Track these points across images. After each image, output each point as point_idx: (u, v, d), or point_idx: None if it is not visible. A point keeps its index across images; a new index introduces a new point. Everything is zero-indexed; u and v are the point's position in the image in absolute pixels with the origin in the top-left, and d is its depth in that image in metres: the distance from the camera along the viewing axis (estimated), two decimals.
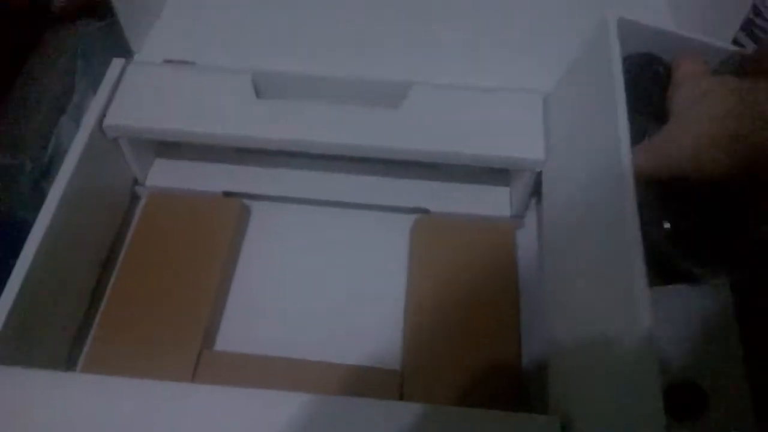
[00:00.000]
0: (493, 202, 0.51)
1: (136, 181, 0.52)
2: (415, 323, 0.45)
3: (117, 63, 0.48)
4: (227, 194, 0.52)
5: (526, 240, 0.51)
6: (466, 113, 0.47)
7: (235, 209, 0.51)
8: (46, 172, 0.51)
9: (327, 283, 0.49)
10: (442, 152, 0.46)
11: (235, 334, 0.47)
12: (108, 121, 0.46)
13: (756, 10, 0.53)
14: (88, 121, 0.46)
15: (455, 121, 0.47)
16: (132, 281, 0.47)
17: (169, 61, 0.51)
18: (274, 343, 0.44)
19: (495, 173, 0.52)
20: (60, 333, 0.44)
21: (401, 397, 0.42)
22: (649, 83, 0.44)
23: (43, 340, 0.42)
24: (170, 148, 0.53)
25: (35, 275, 0.40)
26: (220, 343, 0.46)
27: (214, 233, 0.49)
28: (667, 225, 0.40)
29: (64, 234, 0.42)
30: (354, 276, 0.49)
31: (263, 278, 0.49)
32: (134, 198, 0.53)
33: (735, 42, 0.48)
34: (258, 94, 0.48)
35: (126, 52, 0.51)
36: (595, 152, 0.39)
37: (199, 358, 0.43)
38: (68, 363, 0.45)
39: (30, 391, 0.36)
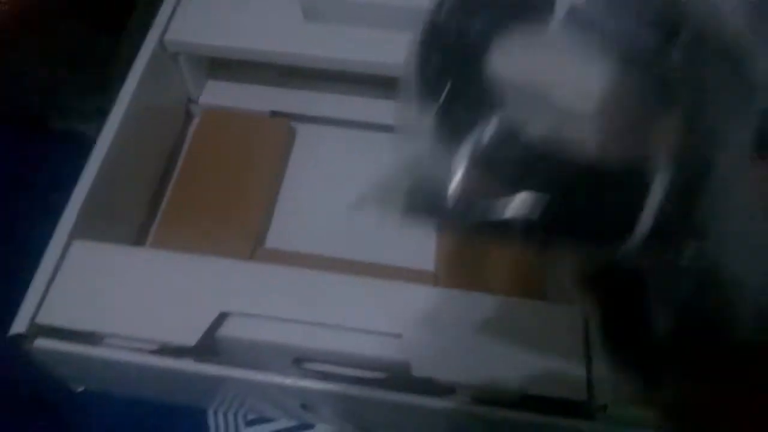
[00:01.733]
0: None
1: (189, 99, 0.56)
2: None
3: None
4: (274, 114, 0.55)
5: None
6: None
7: (282, 128, 0.54)
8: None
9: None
10: None
11: (281, 242, 0.51)
12: (169, 35, 0.50)
13: None
14: (152, 35, 0.49)
15: None
16: (189, 187, 0.51)
17: None
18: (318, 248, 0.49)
19: None
20: (125, 230, 0.49)
21: None
22: None
23: (115, 220, 0.47)
24: (222, 68, 0.56)
25: (102, 178, 0.44)
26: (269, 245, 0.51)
27: (263, 149, 0.53)
28: None
29: (128, 144, 0.47)
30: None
31: (306, 194, 0.53)
32: (188, 116, 0.57)
33: None
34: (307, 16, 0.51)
35: None
36: None
37: (252, 253, 0.48)
38: None
39: (104, 262, 0.41)
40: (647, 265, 0.28)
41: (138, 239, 0.50)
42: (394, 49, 0.34)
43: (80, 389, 0.47)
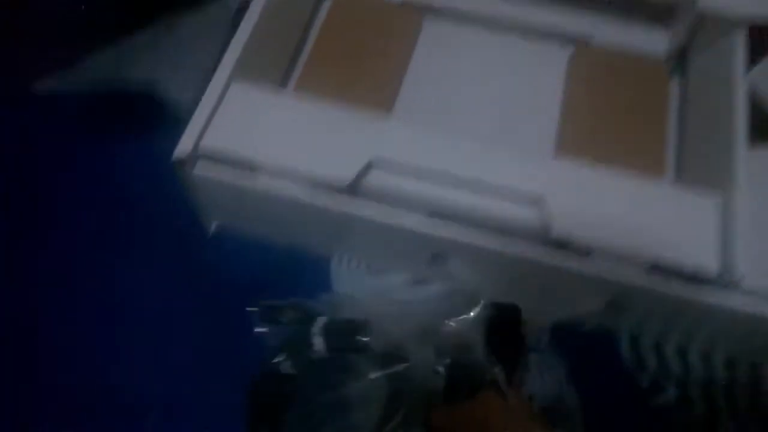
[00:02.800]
0: (651, 39, 0.55)
1: None
2: (568, 128, 0.51)
3: None
4: (404, 4, 0.57)
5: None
6: None
7: (412, 14, 0.56)
8: None
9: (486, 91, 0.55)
10: None
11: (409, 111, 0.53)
12: None
13: None
14: None
15: None
16: (327, 48, 0.54)
17: None
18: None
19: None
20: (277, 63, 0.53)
21: None
22: None
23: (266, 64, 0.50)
24: None
25: (258, 29, 0.47)
26: None
27: (394, 31, 0.55)
28: None
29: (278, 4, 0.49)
30: (509, 96, 0.54)
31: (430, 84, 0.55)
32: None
33: None
34: None
35: None
36: None
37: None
38: None
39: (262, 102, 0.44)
40: None
41: (281, 84, 0.54)
42: None
43: (214, 230, 0.49)
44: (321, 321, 0.38)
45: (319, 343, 0.37)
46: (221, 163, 0.42)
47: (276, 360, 0.38)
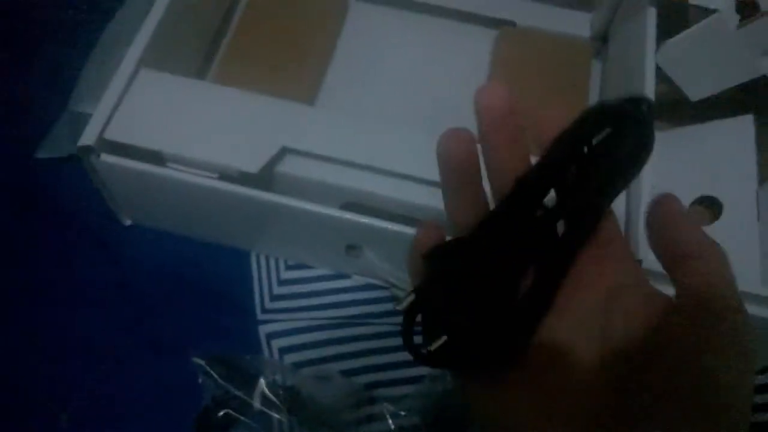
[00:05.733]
0: (575, 22, 0.55)
1: None
2: None
3: None
4: None
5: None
6: None
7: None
8: None
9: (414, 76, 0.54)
10: None
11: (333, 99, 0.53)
12: None
13: None
14: None
15: None
16: (249, 34, 0.53)
17: None
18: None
19: None
20: (192, 53, 0.52)
21: None
22: None
23: (179, 54, 0.49)
24: None
25: (171, 11, 0.45)
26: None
27: (319, 14, 0.55)
28: None
29: None
30: (439, 80, 0.54)
31: (356, 68, 0.54)
32: None
33: None
34: None
35: None
36: None
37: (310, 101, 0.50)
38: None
39: (170, 90, 0.43)
40: None
41: (198, 76, 0.52)
42: None
43: (129, 223, 0.49)
44: (261, 384, 0.41)
45: (257, 404, 0.41)
46: (128, 152, 0.41)
47: (220, 413, 0.42)
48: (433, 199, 0.41)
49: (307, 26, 0.54)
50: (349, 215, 0.41)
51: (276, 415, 0.41)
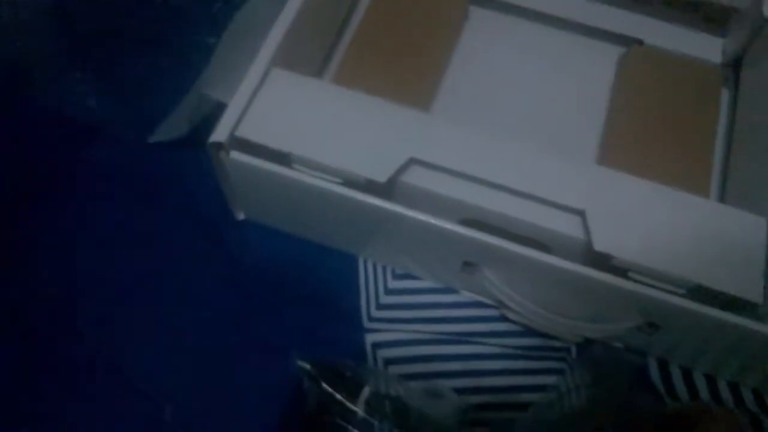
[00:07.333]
0: (705, 45, 0.53)
1: None
2: (613, 132, 0.49)
3: None
4: None
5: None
6: None
7: (458, 2, 0.55)
8: None
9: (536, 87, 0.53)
10: None
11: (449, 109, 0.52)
12: None
13: None
14: None
15: None
16: (369, 38, 0.53)
17: None
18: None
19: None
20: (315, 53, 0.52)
21: None
22: None
23: (305, 53, 0.49)
24: None
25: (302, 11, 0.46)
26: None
27: (439, 20, 0.54)
28: None
29: None
30: (558, 95, 0.53)
31: (473, 77, 0.53)
32: None
33: None
34: None
35: None
36: None
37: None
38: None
39: (302, 91, 0.43)
40: None
41: (317, 77, 0.52)
42: None
43: (242, 217, 0.49)
44: (366, 392, 0.40)
45: (361, 412, 0.39)
46: (256, 150, 0.41)
47: (324, 419, 0.40)
48: (558, 223, 0.40)
49: (425, 32, 0.53)
50: (473, 233, 0.40)
51: (380, 425, 0.41)
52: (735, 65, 0.53)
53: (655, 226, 0.39)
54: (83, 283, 0.47)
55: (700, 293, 0.38)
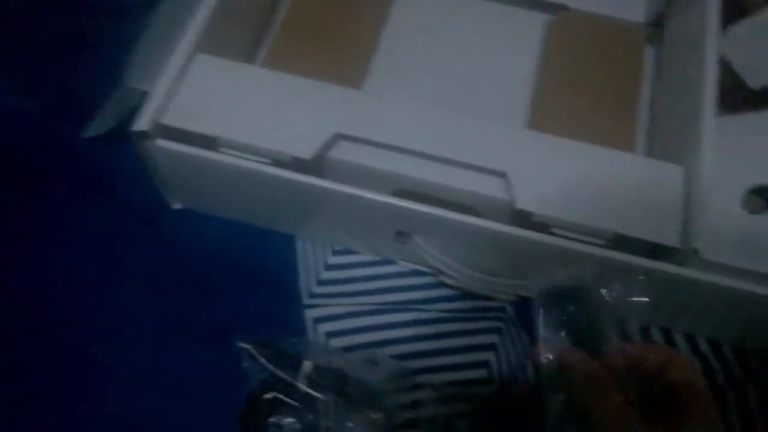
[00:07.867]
0: (629, 6, 0.54)
1: None
2: (542, 96, 0.50)
3: None
4: None
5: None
6: None
7: None
8: None
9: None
10: None
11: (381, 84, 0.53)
12: None
13: None
14: None
15: None
16: (297, 19, 0.53)
17: None
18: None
19: None
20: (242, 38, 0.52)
21: None
22: None
23: (231, 38, 0.49)
24: None
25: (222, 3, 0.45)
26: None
27: None
28: None
29: None
30: (488, 65, 0.54)
31: (403, 52, 0.54)
32: None
33: None
34: None
35: None
36: None
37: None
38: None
39: (226, 76, 0.43)
40: None
41: (246, 61, 0.53)
42: None
43: (177, 206, 0.49)
44: (307, 366, 0.40)
45: (303, 386, 0.40)
46: (180, 136, 0.42)
47: (266, 396, 0.40)
48: (482, 186, 0.41)
49: (355, 11, 0.53)
50: (401, 202, 0.40)
51: (322, 397, 0.41)
52: (658, 24, 0.54)
53: (575, 182, 0.40)
54: (29, 283, 0.47)
55: (622, 243, 0.39)
